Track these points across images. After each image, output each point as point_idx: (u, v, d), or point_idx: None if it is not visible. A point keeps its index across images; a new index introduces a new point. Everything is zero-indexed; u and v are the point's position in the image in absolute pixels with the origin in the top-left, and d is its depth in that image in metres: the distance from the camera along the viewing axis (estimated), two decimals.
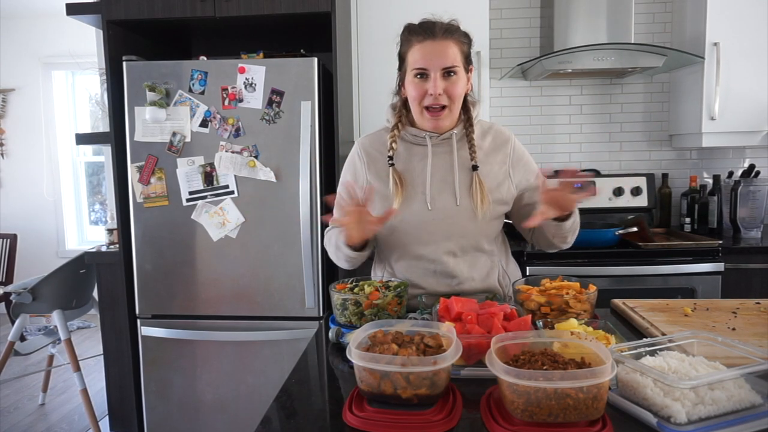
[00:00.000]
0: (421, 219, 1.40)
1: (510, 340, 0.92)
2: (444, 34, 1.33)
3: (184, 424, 2.47)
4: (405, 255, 1.46)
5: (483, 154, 1.44)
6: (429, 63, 1.32)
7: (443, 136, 1.42)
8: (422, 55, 1.32)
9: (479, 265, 1.46)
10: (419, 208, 1.40)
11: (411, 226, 1.41)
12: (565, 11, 2.65)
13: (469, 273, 1.44)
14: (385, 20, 2.58)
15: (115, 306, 2.54)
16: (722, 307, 1.40)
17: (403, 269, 1.47)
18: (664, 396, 0.84)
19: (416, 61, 1.33)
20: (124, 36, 2.48)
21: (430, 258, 1.43)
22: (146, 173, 2.36)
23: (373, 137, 1.51)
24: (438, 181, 1.41)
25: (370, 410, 0.88)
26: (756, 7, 2.55)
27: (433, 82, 1.32)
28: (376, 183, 1.44)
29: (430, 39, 1.32)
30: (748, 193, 2.65)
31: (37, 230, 5.04)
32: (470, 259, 1.44)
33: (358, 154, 1.49)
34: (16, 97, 5.02)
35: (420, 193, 1.41)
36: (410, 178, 1.42)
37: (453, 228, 1.41)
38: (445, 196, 1.40)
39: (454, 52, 1.33)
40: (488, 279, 1.47)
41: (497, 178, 1.44)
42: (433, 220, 1.40)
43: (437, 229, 1.41)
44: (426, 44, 1.32)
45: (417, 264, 1.44)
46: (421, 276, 1.45)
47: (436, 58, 1.31)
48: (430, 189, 1.40)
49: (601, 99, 3.00)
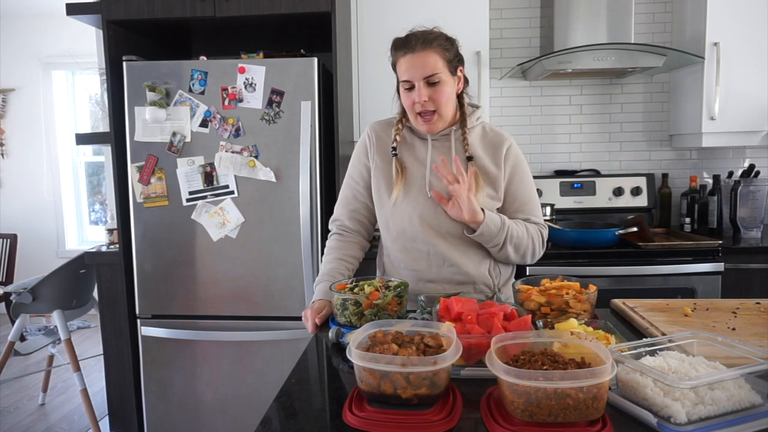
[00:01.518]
0: (419, 204, 1.50)
1: (510, 340, 0.92)
2: (422, 45, 1.40)
3: (184, 424, 2.47)
4: (402, 237, 1.53)
5: (480, 150, 1.52)
6: (411, 75, 1.41)
7: (442, 132, 1.52)
8: (406, 68, 1.42)
9: (471, 254, 1.51)
10: (418, 193, 1.50)
11: (410, 209, 1.50)
12: (565, 11, 2.65)
13: (461, 258, 1.50)
14: (385, 20, 2.58)
15: (115, 306, 2.54)
16: (722, 307, 1.40)
17: (398, 251, 1.54)
18: (664, 396, 0.84)
19: (402, 74, 1.44)
20: (124, 36, 2.48)
21: (424, 240, 1.50)
22: (146, 173, 2.36)
23: (384, 123, 1.61)
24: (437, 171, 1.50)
25: (370, 410, 0.88)
26: (756, 7, 2.55)
27: (418, 92, 1.42)
28: (381, 164, 1.55)
29: (410, 52, 1.41)
30: (748, 193, 2.65)
31: (37, 230, 5.04)
32: (463, 246, 1.51)
33: (368, 136, 1.60)
34: (16, 97, 5.01)
35: (420, 179, 1.51)
36: (411, 166, 1.52)
37: (446, 214, 1.48)
38: (442, 184, 1.48)
39: (434, 59, 1.40)
40: (479, 267, 1.52)
41: (491, 173, 1.51)
42: (429, 205, 1.49)
43: (432, 214, 1.49)
44: (407, 58, 1.42)
45: (412, 246, 1.52)
46: (416, 259, 1.52)
47: (417, 70, 1.40)
48: (429, 178, 1.50)
49: (601, 99, 3.00)
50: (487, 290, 1.54)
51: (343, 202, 1.62)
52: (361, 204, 1.60)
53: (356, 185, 1.60)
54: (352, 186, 1.60)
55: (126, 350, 2.53)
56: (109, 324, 2.57)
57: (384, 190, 1.53)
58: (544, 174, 3.01)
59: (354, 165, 1.61)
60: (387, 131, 1.57)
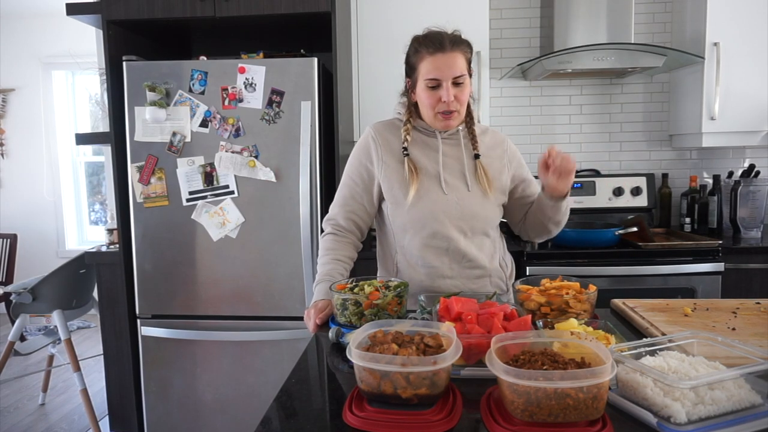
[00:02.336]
0: (437, 201, 1.51)
1: (510, 340, 0.92)
2: (452, 46, 1.43)
3: (184, 424, 2.47)
4: (420, 235, 1.53)
5: (484, 148, 1.57)
6: (441, 74, 1.43)
7: (450, 131, 1.55)
8: (435, 67, 1.43)
9: (485, 248, 1.57)
10: (435, 191, 1.51)
11: (428, 208, 1.51)
12: (565, 11, 2.65)
13: (478, 253, 1.55)
14: (385, 20, 2.58)
15: (115, 306, 2.54)
16: (722, 307, 1.40)
17: (417, 249, 1.54)
18: (664, 396, 0.84)
19: (429, 72, 1.44)
20: (124, 36, 2.48)
21: (444, 236, 1.52)
22: (146, 173, 2.36)
23: (387, 123, 1.61)
24: (449, 169, 1.53)
25: (370, 410, 0.88)
26: (756, 7, 2.55)
27: (446, 91, 1.43)
28: (391, 163, 1.54)
29: (441, 52, 1.42)
30: (748, 193, 2.65)
31: (37, 230, 5.04)
32: (478, 241, 1.55)
33: (372, 137, 1.58)
34: (16, 97, 5.01)
35: (434, 177, 1.52)
36: (424, 166, 1.53)
37: (465, 210, 1.52)
38: (457, 181, 1.52)
39: (461, 62, 1.44)
40: (493, 261, 1.59)
41: (497, 168, 1.57)
42: (448, 202, 1.51)
43: (452, 211, 1.51)
44: (437, 57, 1.43)
45: (431, 242, 1.53)
46: (435, 255, 1.53)
47: (447, 70, 1.42)
48: (444, 175, 1.52)
49: (601, 99, 3.00)
50: (501, 283, 1.61)
51: (340, 202, 1.60)
52: (358, 205, 1.58)
53: (355, 186, 1.57)
54: (351, 186, 1.58)
55: (126, 350, 2.53)
56: (109, 324, 2.57)
57: (398, 189, 1.52)
58: None
59: (354, 165, 1.58)
60: (392, 132, 1.57)
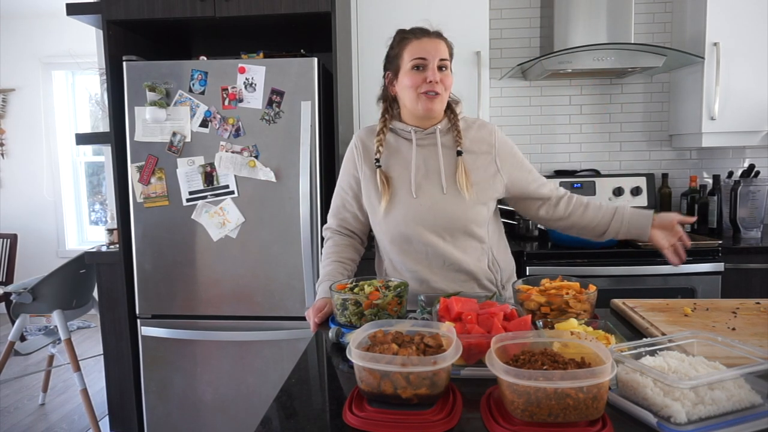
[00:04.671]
0: (409, 207, 1.49)
1: (510, 340, 0.92)
2: (437, 35, 1.49)
3: (184, 424, 2.47)
4: (398, 241, 1.53)
5: (468, 143, 1.52)
6: (428, 54, 1.44)
7: (428, 130, 1.51)
8: (421, 47, 1.45)
9: (470, 250, 1.53)
10: (405, 196, 1.50)
11: (401, 214, 1.50)
12: (565, 11, 2.65)
13: (461, 255, 1.51)
14: (385, 20, 2.58)
15: (115, 306, 2.54)
16: (722, 307, 1.40)
17: (397, 255, 1.54)
18: (664, 396, 0.84)
19: (416, 53, 1.45)
20: (124, 36, 2.48)
21: (419, 241, 1.50)
22: (146, 173, 2.36)
23: (370, 130, 1.60)
24: (423, 171, 1.50)
25: (370, 410, 0.88)
26: (756, 7, 2.55)
27: (432, 70, 1.44)
28: (369, 173, 1.55)
29: (426, 36, 1.47)
30: (747, 193, 2.65)
31: (37, 230, 5.04)
32: (461, 243, 1.51)
33: (355, 146, 1.59)
34: (16, 97, 5.02)
35: (406, 182, 1.50)
36: (397, 174, 1.52)
37: (439, 214, 1.49)
38: (431, 184, 1.49)
39: (446, 49, 1.48)
40: (479, 263, 1.54)
41: (483, 165, 1.51)
42: (420, 207, 1.49)
43: (425, 215, 1.49)
44: (423, 40, 1.46)
45: (408, 248, 1.52)
46: (415, 260, 1.53)
47: (434, 51, 1.45)
48: (415, 178, 1.50)
49: (601, 99, 3.00)
50: (491, 286, 1.55)
51: (334, 211, 1.64)
52: (350, 213, 1.60)
53: (345, 195, 1.60)
54: (342, 195, 1.61)
55: (126, 350, 2.53)
56: (109, 324, 2.57)
57: (375, 198, 1.53)
58: (544, 174, 2.98)
59: (343, 174, 1.61)
60: (372, 139, 1.56)
